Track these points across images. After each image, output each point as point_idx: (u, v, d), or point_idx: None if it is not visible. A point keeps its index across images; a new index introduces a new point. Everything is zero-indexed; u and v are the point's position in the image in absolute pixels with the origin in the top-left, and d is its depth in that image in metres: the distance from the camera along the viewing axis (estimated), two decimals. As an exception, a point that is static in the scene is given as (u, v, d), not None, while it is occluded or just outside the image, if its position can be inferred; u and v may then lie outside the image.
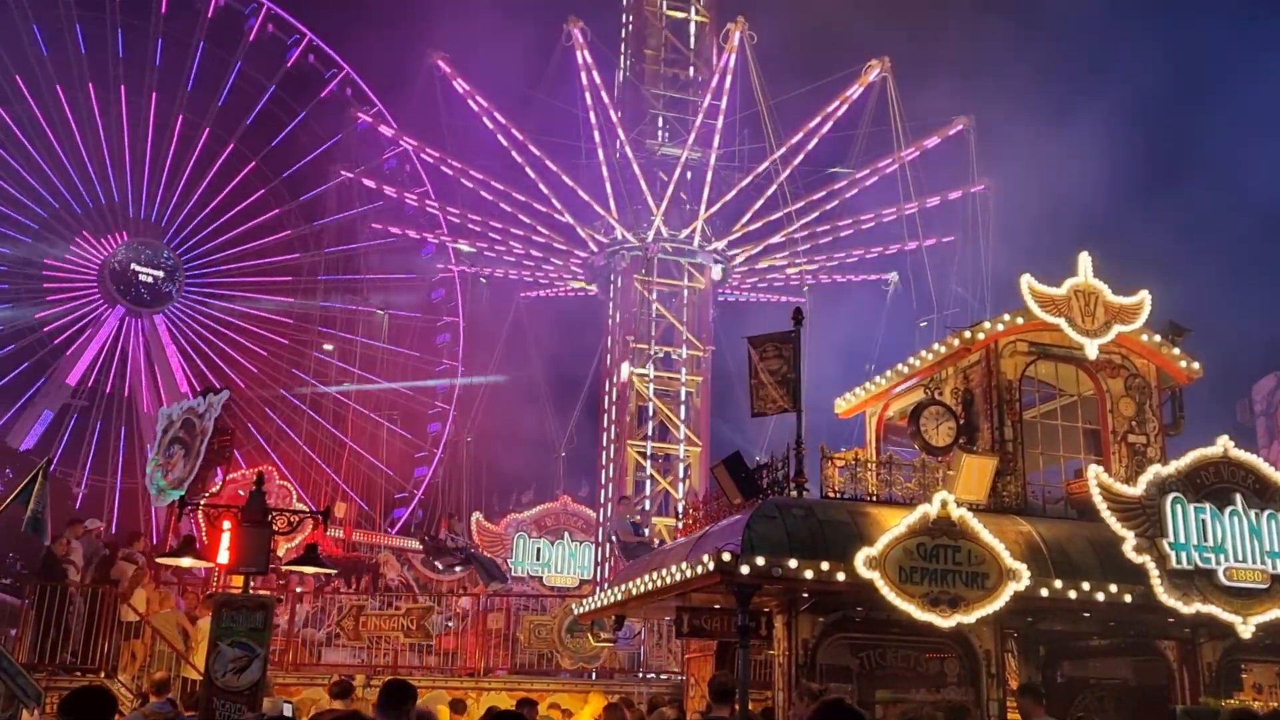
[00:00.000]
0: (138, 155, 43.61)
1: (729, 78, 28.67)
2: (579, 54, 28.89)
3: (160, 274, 44.42)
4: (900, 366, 16.05)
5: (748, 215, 30.28)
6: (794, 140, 29.22)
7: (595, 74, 28.97)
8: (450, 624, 22.64)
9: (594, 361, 32.09)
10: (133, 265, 43.93)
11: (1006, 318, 14.68)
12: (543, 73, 29.71)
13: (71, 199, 43.04)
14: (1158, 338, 15.09)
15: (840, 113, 29.42)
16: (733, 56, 28.40)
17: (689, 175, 29.84)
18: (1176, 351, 15.18)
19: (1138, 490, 13.05)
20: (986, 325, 14.79)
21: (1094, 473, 13.19)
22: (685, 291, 29.93)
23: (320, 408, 40.99)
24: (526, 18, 34.08)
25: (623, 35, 31.64)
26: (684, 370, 29.52)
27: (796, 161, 29.36)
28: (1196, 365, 15.26)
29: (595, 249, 30.68)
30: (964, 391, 14.93)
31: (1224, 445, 13.48)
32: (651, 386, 29.14)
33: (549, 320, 35.08)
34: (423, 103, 29.76)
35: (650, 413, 29.45)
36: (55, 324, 43.12)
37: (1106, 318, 14.66)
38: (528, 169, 29.74)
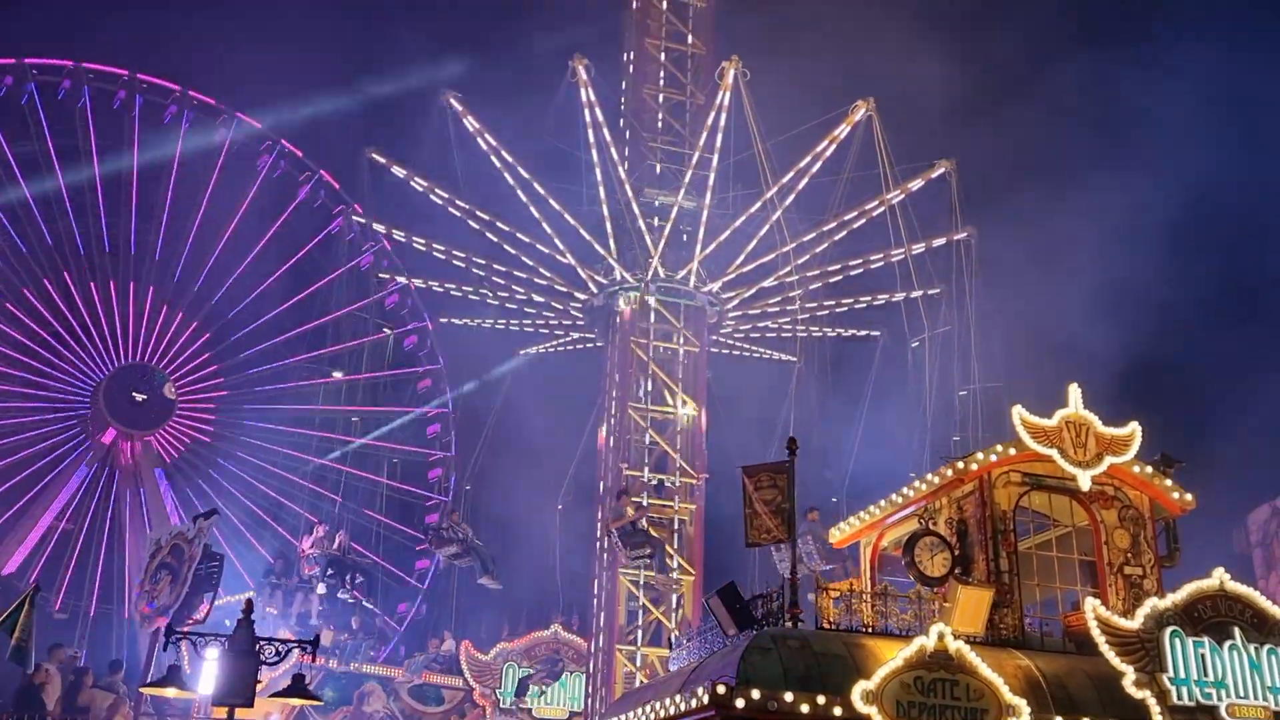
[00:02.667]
0: (125, 278, 44.17)
1: (724, 114, 29.09)
2: (583, 91, 29.31)
3: (149, 395, 44.44)
4: (894, 496, 16.07)
5: (741, 256, 30.51)
6: (785, 180, 29.51)
7: (599, 111, 29.38)
8: None
9: (591, 418, 31.74)
10: (126, 387, 43.98)
11: (999, 448, 14.80)
12: (546, 112, 30.05)
13: (72, 318, 43.38)
14: (1150, 469, 15.17)
15: (829, 153, 29.75)
16: (728, 94, 28.87)
17: (684, 227, 30.20)
18: (1169, 483, 15.24)
19: (1135, 624, 12.98)
20: (980, 456, 14.89)
21: (1091, 606, 13.13)
22: (679, 420, 29.98)
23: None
24: (530, 58, 34.70)
25: (623, 86, 32.33)
26: (677, 498, 29.40)
27: (788, 202, 29.57)
28: (1190, 496, 15.32)
29: (595, 290, 30.81)
30: (958, 522, 14.92)
31: (1220, 578, 13.46)
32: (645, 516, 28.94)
33: (547, 381, 34.88)
34: (436, 145, 29.96)
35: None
36: (42, 432, 42.87)
37: (1098, 449, 14.78)
38: (532, 208, 29.90)
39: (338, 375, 40.33)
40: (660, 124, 31.61)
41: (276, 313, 44.63)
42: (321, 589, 28.81)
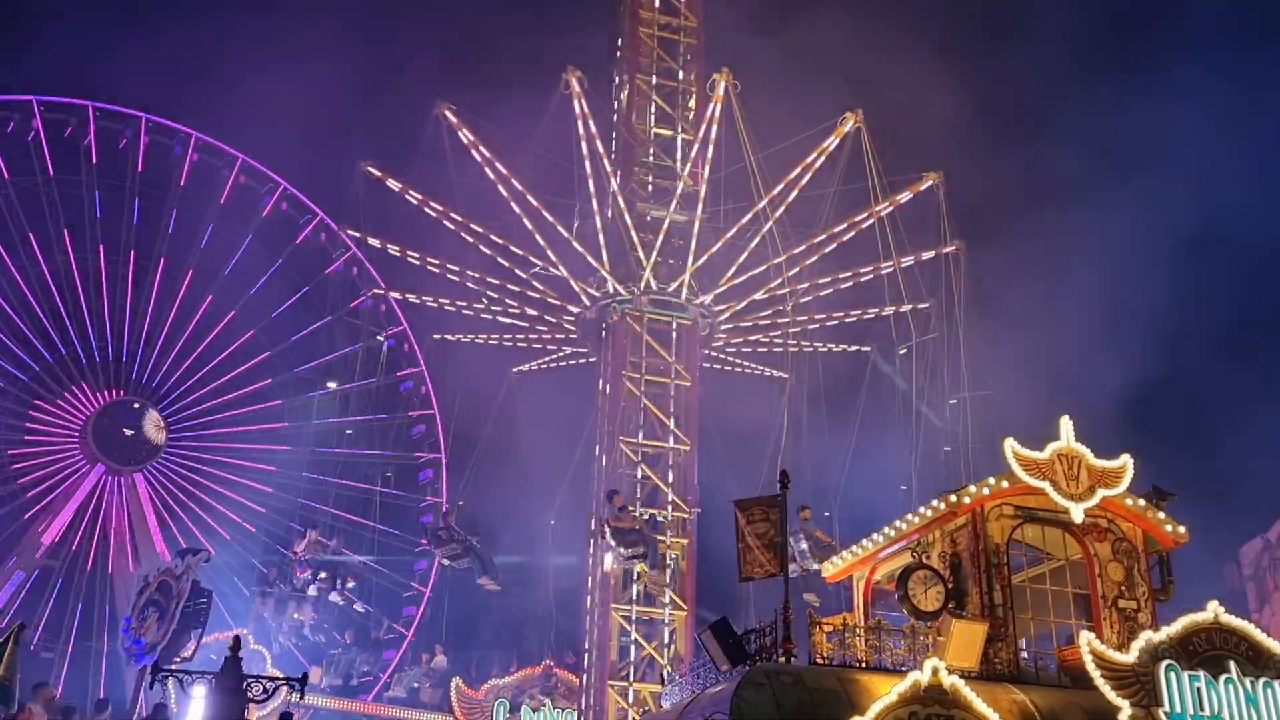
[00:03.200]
0: (122, 313, 44.00)
1: (715, 127, 29.12)
2: (576, 103, 29.30)
3: (137, 430, 44.21)
4: (887, 530, 15.99)
5: (733, 269, 30.52)
6: (775, 191, 29.52)
7: (592, 124, 29.38)
8: None
9: (583, 441, 31.56)
10: (115, 422, 43.78)
11: (992, 481, 14.75)
12: (538, 125, 30.02)
13: (65, 352, 43.22)
14: (1142, 501, 15.13)
15: (818, 164, 29.75)
16: (718, 105, 28.92)
17: (676, 240, 30.24)
18: (1162, 515, 15.20)
19: (1130, 658, 12.89)
20: (972, 489, 14.83)
21: (1086, 640, 13.05)
22: (670, 454, 29.91)
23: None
24: (523, 73, 34.83)
25: (615, 94, 32.43)
26: (669, 533, 29.26)
27: (779, 213, 29.57)
28: (1183, 529, 15.26)
29: (588, 302, 30.76)
30: (951, 555, 14.86)
31: (1214, 611, 13.38)
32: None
33: (541, 399, 34.76)
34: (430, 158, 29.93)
35: (635, 576, 29.03)
36: (31, 476, 42.56)
37: (1090, 481, 14.74)
38: (525, 220, 29.84)
39: (332, 385, 40.29)
40: (652, 156, 31.80)
41: (269, 354, 44.60)
42: (313, 591, 28.82)
